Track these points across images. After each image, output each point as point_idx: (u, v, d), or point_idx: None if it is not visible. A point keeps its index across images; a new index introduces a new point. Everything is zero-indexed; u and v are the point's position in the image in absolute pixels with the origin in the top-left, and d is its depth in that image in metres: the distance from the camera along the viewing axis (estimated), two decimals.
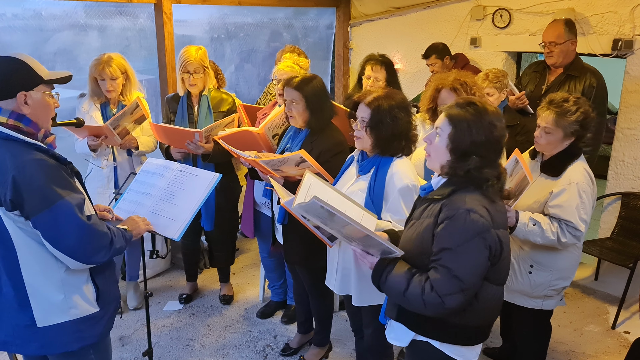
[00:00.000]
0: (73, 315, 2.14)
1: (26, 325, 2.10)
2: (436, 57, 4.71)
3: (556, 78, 3.90)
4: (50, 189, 1.98)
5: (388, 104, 2.46)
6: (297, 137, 3.07)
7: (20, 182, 1.95)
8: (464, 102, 1.98)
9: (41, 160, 1.99)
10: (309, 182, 2.40)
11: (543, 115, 2.71)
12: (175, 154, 3.66)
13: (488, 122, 1.92)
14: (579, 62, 3.89)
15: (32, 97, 2.03)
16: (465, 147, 1.92)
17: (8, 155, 1.98)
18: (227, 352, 3.57)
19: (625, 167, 4.32)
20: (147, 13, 4.48)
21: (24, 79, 2.02)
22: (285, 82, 3.01)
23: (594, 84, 3.77)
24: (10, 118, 2.02)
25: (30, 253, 2.05)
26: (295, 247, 3.09)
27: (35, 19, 4.00)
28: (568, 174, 2.71)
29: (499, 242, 1.93)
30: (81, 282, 2.16)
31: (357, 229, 1.98)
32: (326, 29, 6.10)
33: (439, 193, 1.98)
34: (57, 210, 1.98)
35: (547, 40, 3.86)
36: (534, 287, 2.85)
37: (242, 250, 5.05)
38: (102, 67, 3.50)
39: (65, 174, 2.06)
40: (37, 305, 2.09)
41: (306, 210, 2.07)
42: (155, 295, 4.24)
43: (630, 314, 4.02)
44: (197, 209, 2.58)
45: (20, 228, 2.02)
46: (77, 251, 2.05)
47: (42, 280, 2.08)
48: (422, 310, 1.95)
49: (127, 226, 2.37)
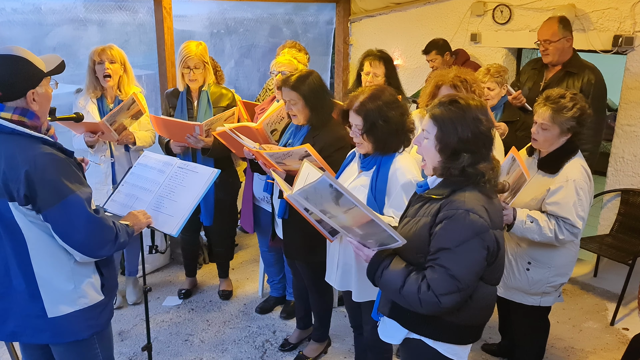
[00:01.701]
0: (82, 305, 2.19)
1: (37, 315, 2.14)
2: (436, 53, 4.71)
3: (554, 75, 3.88)
4: (62, 183, 2.00)
5: (375, 105, 2.44)
6: (298, 133, 3.07)
7: (33, 176, 1.96)
8: (446, 101, 1.96)
9: (51, 154, 2.02)
10: (307, 171, 2.39)
11: (540, 111, 2.71)
12: (175, 148, 3.66)
13: (472, 117, 1.90)
14: (577, 59, 3.87)
15: (38, 92, 2.05)
16: (453, 146, 1.91)
17: (17, 149, 1.99)
18: (226, 347, 3.58)
19: (624, 164, 4.32)
20: (147, 8, 4.47)
21: (30, 77, 2.02)
22: (282, 82, 2.99)
23: (592, 80, 3.75)
24: (14, 113, 2.02)
25: (41, 245, 2.08)
26: (296, 242, 3.10)
27: (34, 13, 4.00)
28: (565, 171, 2.70)
29: (496, 242, 1.93)
30: (90, 271, 2.21)
31: (362, 213, 1.92)
32: (326, 24, 6.08)
33: (438, 193, 1.97)
34: (68, 205, 2.01)
35: (541, 39, 3.84)
36: (532, 284, 2.85)
37: (242, 245, 5.06)
38: (102, 49, 3.53)
39: (73, 167, 2.09)
40: (47, 296, 2.13)
41: (310, 193, 1.99)
42: (155, 291, 4.25)
43: (629, 311, 4.02)
44: (195, 204, 2.58)
45: (31, 221, 2.05)
46: (86, 245, 2.09)
47: (52, 272, 2.12)
48: (418, 308, 1.95)
49: (128, 222, 2.40)
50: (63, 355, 2.28)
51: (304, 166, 2.42)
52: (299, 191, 2.01)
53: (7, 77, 1.99)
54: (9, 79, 1.99)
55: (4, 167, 1.99)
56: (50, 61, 2.11)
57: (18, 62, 2.00)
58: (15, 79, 2.00)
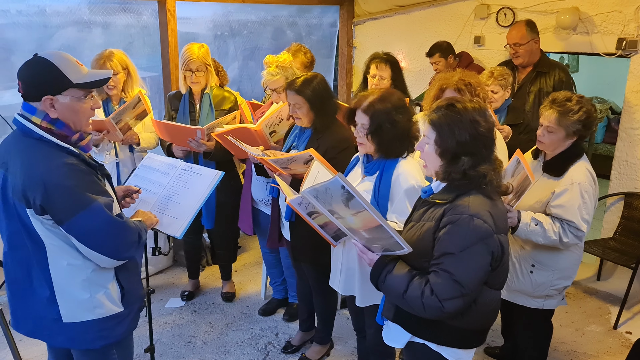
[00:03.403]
0: (98, 315, 2.18)
1: (53, 319, 2.15)
2: (440, 55, 4.70)
3: (526, 76, 4.07)
4: (81, 194, 2.01)
5: (384, 107, 2.44)
6: (302, 135, 3.07)
7: (51, 187, 1.97)
8: (442, 105, 1.97)
9: (72, 165, 2.01)
10: (317, 170, 2.39)
11: (546, 114, 2.71)
12: (177, 151, 3.66)
13: (469, 119, 1.91)
14: (545, 59, 4.12)
15: (59, 101, 2.02)
16: (452, 149, 1.92)
17: (40, 157, 2.00)
18: (229, 350, 3.58)
19: (628, 167, 4.31)
20: (151, 10, 4.49)
21: (51, 83, 2.01)
22: (287, 85, 3.00)
23: (563, 78, 3.98)
24: (44, 120, 2.03)
25: (58, 253, 2.09)
26: (303, 244, 3.09)
27: (39, 15, 4.01)
28: (570, 174, 2.70)
29: (501, 247, 1.93)
30: (107, 281, 2.19)
31: (371, 217, 1.92)
32: (330, 26, 6.09)
33: (442, 198, 1.97)
34: (88, 214, 2.01)
35: (511, 42, 4.06)
36: (536, 286, 2.85)
37: (244, 248, 5.06)
38: (102, 61, 3.51)
39: (95, 177, 2.09)
40: (63, 303, 2.13)
41: (321, 192, 1.98)
42: (158, 292, 4.25)
43: (632, 314, 4.02)
44: (199, 206, 2.59)
45: (48, 229, 2.05)
46: (111, 248, 2.10)
47: (68, 279, 2.12)
48: (421, 312, 1.95)
49: (140, 218, 2.41)
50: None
51: (314, 165, 2.43)
52: (309, 189, 2.01)
53: (29, 77, 2.02)
54: (30, 79, 2.02)
55: (24, 174, 1.99)
56: (92, 74, 2.09)
57: (44, 65, 2.00)
58: (34, 80, 2.01)
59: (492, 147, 1.97)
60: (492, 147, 1.97)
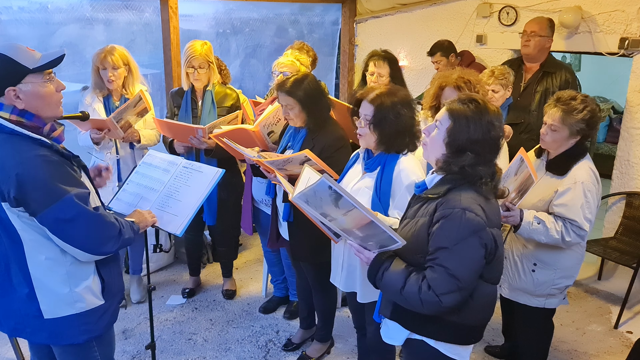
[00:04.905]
0: (79, 309, 2.16)
1: (34, 315, 2.13)
2: (441, 54, 4.69)
3: (533, 76, 4.08)
4: (55, 186, 1.98)
5: (391, 100, 2.45)
6: (297, 135, 3.06)
7: (24, 179, 1.95)
8: (466, 98, 1.99)
9: (44, 156, 1.99)
10: (308, 175, 2.40)
11: (550, 112, 2.70)
12: (178, 148, 3.67)
13: (487, 120, 1.93)
14: (552, 59, 4.13)
15: (22, 90, 2.00)
16: (461, 143, 1.93)
17: (12, 151, 1.98)
18: (230, 347, 3.59)
19: (630, 167, 4.30)
20: (153, 7, 4.49)
21: (8, 74, 1.98)
22: (278, 87, 2.98)
23: (569, 78, 3.99)
24: (12, 114, 2.01)
25: (36, 247, 2.06)
26: (302, 244, 3.09)
27: (41, 12, 4.01)
28: (573, 173, 2.70)
29: (494, 240, 1.94)
30: (87, 275, 2.17)
31: (361, 214, 1.94)
32: (332, 25, 6.09)
33: (434, 192, 1.99)
34: (62, 206, 1.98)
35: (528, 30, 4.06)
36: (537, 285, 2.84)
37: (246, 245, 5.06)
38: (104, 55, 3.51)
39: (69, 169, 2.06)
40: (43, 298, 2.11)
41: (310, 196, 2.00)
42: (159, 289, 4.26)
43: (633, 314, 4.01)
44: (199, 204, 2.58)
45: (25, 222, 2.03)
46: (86, 242, 2.06)
47: (47, 274, 2.09)
48: (419, 308, 1.95)
49: (134, 219, 2.39)
50: (61, 357, 2.28)
51: (305, 171, 2.44)
52: (299, 194, 2.03)
53: None
54: None
55: None
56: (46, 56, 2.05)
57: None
58: None
59: (496, 153, 2.00)
60: (497, 153, 2.00)
